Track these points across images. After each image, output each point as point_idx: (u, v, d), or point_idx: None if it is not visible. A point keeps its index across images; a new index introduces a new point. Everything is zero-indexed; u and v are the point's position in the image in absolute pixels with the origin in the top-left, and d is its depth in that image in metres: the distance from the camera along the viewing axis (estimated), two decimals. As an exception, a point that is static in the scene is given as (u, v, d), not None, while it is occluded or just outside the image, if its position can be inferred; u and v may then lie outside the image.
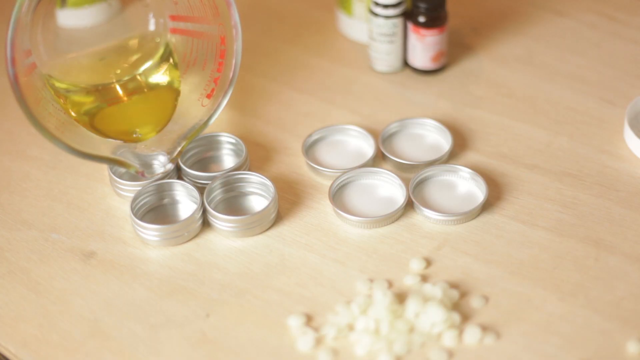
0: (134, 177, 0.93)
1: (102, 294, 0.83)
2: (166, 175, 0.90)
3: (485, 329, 0.78)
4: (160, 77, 0.95)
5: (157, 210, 0.90)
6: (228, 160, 0.95)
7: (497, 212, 0.88)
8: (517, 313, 0.79)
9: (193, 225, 0.87)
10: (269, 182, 0.89)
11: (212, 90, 0.91)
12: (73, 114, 0.90)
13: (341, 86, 1.05)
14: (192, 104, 0.92)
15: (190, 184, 0.89)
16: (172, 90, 0.94)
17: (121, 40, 0.95)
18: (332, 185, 0.90)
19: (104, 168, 0.94)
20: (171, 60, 0.94)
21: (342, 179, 0.91)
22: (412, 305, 0.78)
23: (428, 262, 0.84)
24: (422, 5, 1.00)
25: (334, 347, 0.77)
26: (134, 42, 0.95)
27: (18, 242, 0.88)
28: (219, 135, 0.95)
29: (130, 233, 0.88)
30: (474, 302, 0.80)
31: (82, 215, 0.90)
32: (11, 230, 0.89)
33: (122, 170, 0.93)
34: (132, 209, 0.87)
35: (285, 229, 0.88)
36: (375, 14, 1.02)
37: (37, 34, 0.88)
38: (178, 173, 0.93)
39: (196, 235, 0.87)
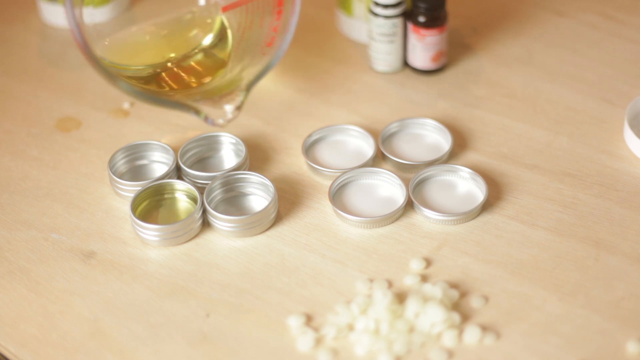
0: (133, 177, 0.93)
1: (102, 294, 0.83)
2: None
3: (485, 329, 0.78)
4: (214, 51, 0.98)
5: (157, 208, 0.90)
6: (228, 160, 0.95)
7: (497, 212, 0.88)
8: (517, 313, 0.79)
9: (193, 225, 0.87)
10: (269, 182, 0.89)
11: (272, 38, 0.93)
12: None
13: (341, 86, 1.05)
14: (253, 55, 0.94)
15: (190, 184, 0.89)
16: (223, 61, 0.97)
17: (173, 19, 0.98)
18: (332, 185, 0.90)
19: (104, 168, 0.94)
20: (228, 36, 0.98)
21: (342, 179, 0.91)
22: (412, 305, 0.78)
23: (428, 262, 0.84)
24: (422, 5, 1.00)
25: (334, 347, 0.77)
26: (187, 21, 0.97)
27: (18, 242, 0.88)
28: (219, 135, 0.95)
29: (130, 233, 0.88)
30: (474, 302, 0.80)
31: (82, 215, 0.90)
32: (11, 230, 0.89)
33: (123, 170, 0.93)
34: (132, 209, 0.87)
35: (285, 229, 0.88)
36: (375, 14, 1.02)
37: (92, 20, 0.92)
38: (178, 173, 0.93)
39: (196, 235, 0.87)
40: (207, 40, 0.98)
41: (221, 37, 0.98)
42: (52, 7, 1.14)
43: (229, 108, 0.91)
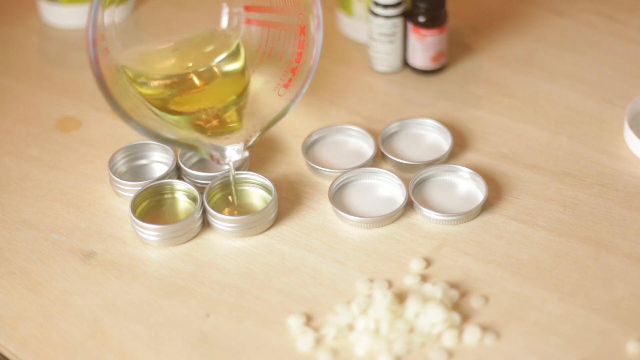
0: (133, 177, 0.93)
1: (102, 294, 0.83)
2: (243, 163, 0.90)
3: (485, 329, 0.78)
4: (234, 66, 0.96)
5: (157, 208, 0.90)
6: (228, 160, 0.95)
7: (497, 212, 0.88)
8: (517, 313, 0.79)
9: (193, 225, 0.87)
10: (269, 182, 0.89)
11: (290, 80, 0.90)
12: (147, 99, 0.91)
13: (341, 86, 1.05)
14: (268, 94, 0.92)
15: (190, 184, 0.89)
16: (243, 78, 0.95)
17: (195, 31, 0.97)
18: (332, 185, 0.90)
19: (104, 168, 0.94)
20: (242, 52, 0.96)
21: (342, 179, 0.91)
22: (412, 305, 0.78)
23: (428, 262, 0.84)
24: (422, 5, 1.00)
25: (334, 347, 0.77)
26: (208, 34, 0.96)
27: (18, 242, 0.88)
28: (219, 135, 0.95)
29: (130, 233, 0.88)
30: (474, 302, 0.80)
31: (82, 215, 0.90)
32: (11, 230, 0.89)
33: (123, 170, 0.93)
34: (132, 209, 0.87)
35: (285, 229, 0.88)
36: (375, 14, 1.02)
37: (113, 21, 0.90)
38: (178, 173, 0.93)
39: (196, 235, 0.87)
40: (223, 55, 0.97)
41: (238, 54, 0.97)
42: (52, 7, 1.14)
43: (238, 148, 0.88)
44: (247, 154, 0.88)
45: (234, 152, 0.88)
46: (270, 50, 0.93)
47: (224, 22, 0.97)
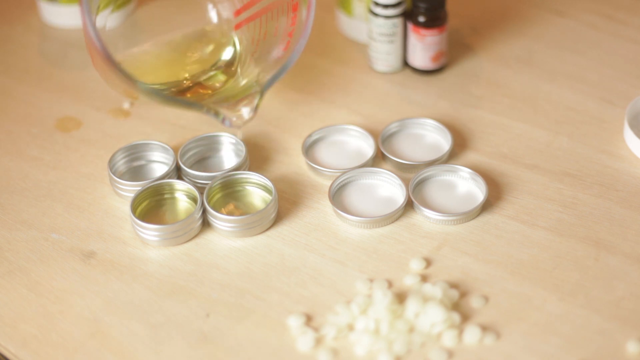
0: (133, 177, 0.93)
1: (102, 294, 0.83)
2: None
3: (485, 329, 0.78)
4: (227, 58, 0.99)
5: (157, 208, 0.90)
6: (228, 160, 0.95)
7: (497, 212, 0.88)
8: (517, 313, 0.79)
9: (193, 225, 0.87)
10: (269, 182, 0.89)
11: (287, 43, 0.93)
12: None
13: (341, 86, 1.05)
14: (269, 60, 0.94)
15: (191, 184, 0.89)
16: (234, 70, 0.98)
17: (185, 36, 0.99)
18: (332, 185, 0.90)
19: (104, 168, 0.94)
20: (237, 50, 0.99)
21: (342, 179, 0.91)
22: (412, 305, 0.78)
23: (428, 262, 0.84)
24: (422, 5, 1.00)
25: (334, 347, 0.77)
26: (200, 39, 0.99)
27: (18, 242, 0.88)
28: (219, 135, 0.95)
29: (130, 233, 0.88)
30: (474, 302, 0.80)
31: (82, 215, 0.90)
32: (11, 230, 0.89)
33: (123, 170, 0.93)
34: (132, 209, 0.87)
35: (285, 229, 0.88)
36: (375, 14, 1.02)
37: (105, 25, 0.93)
38: (178, 173, 0.93)
39: (196, 235, 0.87)
40: (224, 57, 0.98)
41: (234, 53, 0.99)
42: (52, 7, 1.14)
43: (245, 110, 0.91)
44: (253, 114, 0.92)
45: (241, 115, 0.91)
46: (265, 34, 0.95)
47: (216, 27, 0.98)
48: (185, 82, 0.96)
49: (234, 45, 0.98)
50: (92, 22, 0.83)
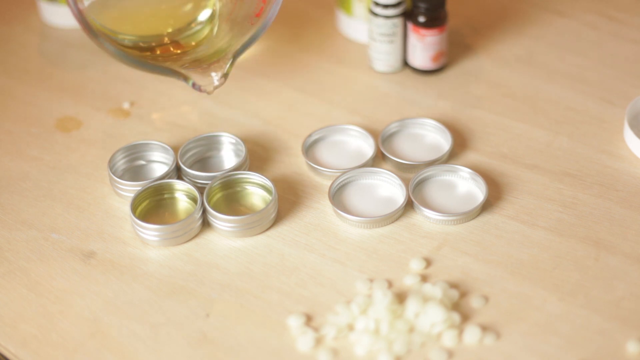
0: (133, 177, 0.93)
1: (102, 294, 0.83)
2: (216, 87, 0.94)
3: (485, 329, 0.78)
4: (206, 15, 1.01)
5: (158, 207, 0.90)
6: (228, 160, 0.95)
7: (497, 212, 0.88)
8: (517, 313, 0.79)
9: (193, 225, 0.87)
10: (269, 182, 0.89)
11: (261, 9, 0.95)
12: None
13: (341, 86, 1.05)
14: (241, 25, 0.97)
15: (190, 184, 0.89)
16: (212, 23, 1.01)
17: None
18: (332, 185, 0.90)
19: (104, 168, 0.94)
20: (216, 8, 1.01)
21: (342, 179, 0.91)
22: (412, 305, 0.78)
23: (428, 262, 0.84)
24: (422, 5, 1.00)
25: (334, 347, 0.77)
26: None
27: (18, 242, 0.88)
28: (219, 135, 0.95)
29: (130, 233, 0.88)
30: (474, 302, 0.80)
31: (82, 215, 0.90)
32: (11, 230, 0.89)
33: (122, 169, 0.93)
34: (132, 209, 0.87)
35: (285, 229, 0.88)
36: (375, 14, 1.02)
37: None
38: (178, 173, 0.93)
39: (196, 235, 0.87)
40: (203, 16, 1.00)
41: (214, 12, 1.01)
42: (52, 7, 1.14)
43: (215, 75, 0.93)
44: (223, 80, 0.93)
45: (211, 80, 0.93)
46: None
47: None
48: (165, 37, 0.99)
49: (214, 6, 1.01)
50: None
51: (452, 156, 0.95)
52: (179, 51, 0.98)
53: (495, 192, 0.90)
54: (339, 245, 0.86)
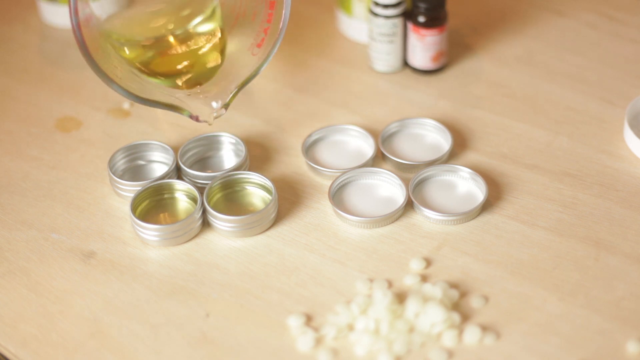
0: (133, 177, 0.93)
1: (102, 294, 0.83)
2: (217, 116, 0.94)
3: (485, 329, 0.78)
4: (209, 28, 1.01)
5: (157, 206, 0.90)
6: (228, 160, 0.95)
7: (497, 212, 0.88)
8: (517, 313, 0.79)
9: (193, 225, 0.87)
10: (269, 182, 0.89)
11: (262, 40, 0.95)
12: (129, 62, 0.97)
13: (341, 86, 1.05)
14: (243, 53, 0.97)
15: (190, 184, 0.89)
16: (220, 40, 1.00)
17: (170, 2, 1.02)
18: (332, 185, 0.90)
19: (104, 168, 0.94)
20: (218, 13, 1.01)
21: (342, 179, 0.91)
22: (412, 305, 0.78)
23: (428, 262, 0.84)
24: (422, 5, 1.00)
25: (334, 347, 0.77)
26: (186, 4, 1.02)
27: (18, 242, 0.88)
28: (219, 135, 0.95)
29: (130, 233, 0.88)
30: (474, 302, 0.80)
31: (82, 215, 0.90)
32: (11, 230, 0.89)
33: (122, 169, 0.93)
34: (132, 209, 0.87)
35: (285, 229, 0.88)
36: (375, 14, 1.02)
37: None
38: (178, 173, 0.93)
39: (196, 235, 0.87)
40: (205, 22, 1.02)
41: (214, 16, 1.02)
42: (52, 7, 1.14)
43: (215, 105, 0.93)
44: (223, 111, 0.93)
45: (212, 110, 0.92)
46: (244, 12, 0.97)
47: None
48: (170, 36, 1.00)
49: (217, 20, 1.02)
50: (75, 11, 0.87)
51: (452, 156, 0.95)
52: (184, 48, 0.98)
53: (495, 192, 0.90)
54: (339, 245, 0.86)
